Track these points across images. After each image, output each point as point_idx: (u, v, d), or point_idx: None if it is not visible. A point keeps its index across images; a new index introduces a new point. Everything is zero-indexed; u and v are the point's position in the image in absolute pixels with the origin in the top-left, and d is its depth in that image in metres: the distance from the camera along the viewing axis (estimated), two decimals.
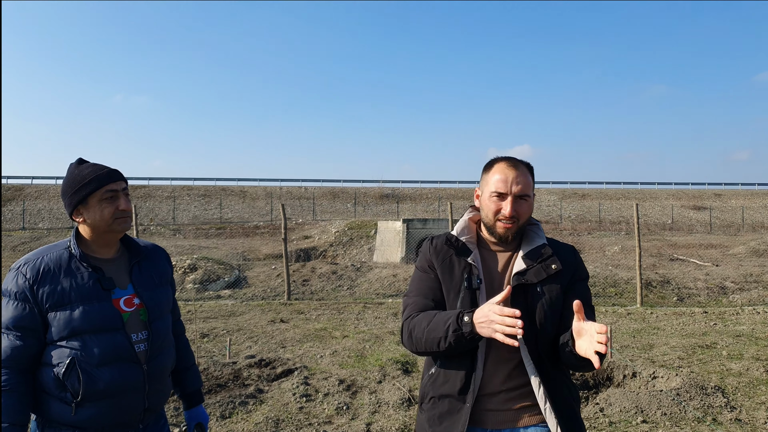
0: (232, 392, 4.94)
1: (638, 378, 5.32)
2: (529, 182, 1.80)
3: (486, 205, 1.81)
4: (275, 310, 9.90)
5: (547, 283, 1.75)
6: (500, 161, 1.83)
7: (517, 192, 1.76)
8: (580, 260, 1.87)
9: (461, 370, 1.75)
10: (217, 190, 41.25)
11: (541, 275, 1.75)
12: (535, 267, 1.76)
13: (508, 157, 1.84)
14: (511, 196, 1.76)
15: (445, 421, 1.75)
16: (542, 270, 1.75)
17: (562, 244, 1.88)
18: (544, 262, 1.77)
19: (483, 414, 1.75)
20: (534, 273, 1.75)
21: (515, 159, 1.83)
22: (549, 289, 1.75)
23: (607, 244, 21.41)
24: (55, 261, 1.80)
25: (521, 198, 1.77)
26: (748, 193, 46.19)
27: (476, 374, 1.73)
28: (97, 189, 1.84)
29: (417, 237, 17.50)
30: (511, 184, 1.76)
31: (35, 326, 1.75)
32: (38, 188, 38.33)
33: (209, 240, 24.66)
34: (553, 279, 1.76)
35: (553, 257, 1.78)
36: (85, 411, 1.75)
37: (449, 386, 1.76)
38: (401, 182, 46.84)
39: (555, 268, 1.76)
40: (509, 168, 1.78)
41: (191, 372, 2.21)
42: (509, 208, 1.75)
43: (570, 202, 41.79)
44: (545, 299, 1.73)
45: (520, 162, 1.83)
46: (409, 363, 5.96)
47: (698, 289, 11.63)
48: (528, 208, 1.80)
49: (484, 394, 1.75)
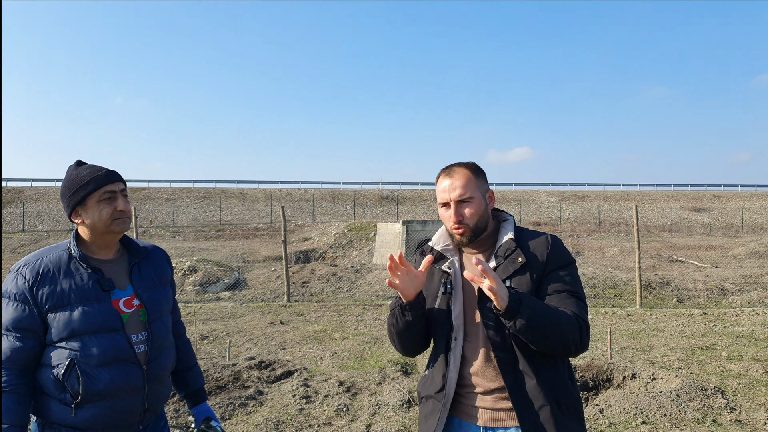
0: (232, 394, 4.94)
1: (638, 379, 5.32)
2: (468, 183, 1.80)
3: (441, 216, 1.88)
4: (275, 312, 9.90)
5: (515, 277, 1.73)
6: (440, 173, 1.88)
7: (456, 198, 1.80)
8: (557, 248, 1.78)
9: (439, 371, 1.82)
10: (217, 192, 41.25)
11: (508, 270, 1.73)
12: (504, 263, 1.75)
13: (445, 167, 1.88)
14: (453, 203, 1.80)
15: (428, 420, 1.82)
16: (509, 265, 1.74)
17: (534, 234, 1.83)
18: (509, 256, 1.75)
19: (475, 410, 1.78)
20: (502, 269, 1.74)
21: (450, 166, 1.86)
22: (518, 282, 1.72)
23: (606, 246, 21.42)
24: (54, 262, 1.80)
25: (463, 202, 1.80)
26: (747, 195, 46.21)
27: (449, 377, 1.79)
28: (95, 190, 1.84)
29: (416, 239, 17.51)
30: (449, 191, 1.81)
31: (35, 327, 1.76)
32: (38, 190, 38.34)
33: (209, 242, 24.66)
34: (521, 272, 1.73)
35: (517, 250, 1.75)
36: (85, 412, 1.75)
37: (432, 387, 1.84)
38: (401, 184, 46.80)
39: (520, 261, 1.73)
40: (444, 177, 1.84)
41: (194, 371, 2.22)
42: (453, 216, 1.80)
43: (569, 203, 41.80)
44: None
45: (456, 166, 1.85)
46: (408, 364, 5.96)
47: (698, 290, 11.64)
48: (475, 208, 1.79)
49: (475, 392, 1.78)
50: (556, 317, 1.63)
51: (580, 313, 1.70)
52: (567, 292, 1.73)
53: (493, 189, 1.94)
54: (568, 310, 1.68)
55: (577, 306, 1.71)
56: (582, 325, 1.68)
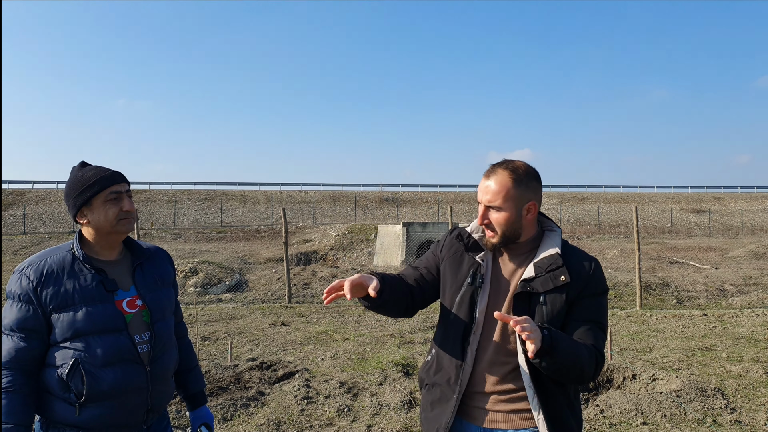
0: (234, 395, 4.95)
1: (638, 380, 5.33)
2: (502, 193, 1.72)
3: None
4: (276, 313, 9.92)
5: (552, 294, 1.69)
6: (488, 169, 1.82)
7: (486, 202, 1.75)
8: (597, 274, 1.74)
9: (452, 362, 1.79)
10: (218, 194, 41.27)
11: (547, 285, 1.68)
12: (543, 276, 1.70)
13: (493, 164, 1.81)
14: (482, 205, 1.76)
15: (436, 408, 1.81)
16: (549, 280, 1.69)
17: (580, 254, 1.78)
18: (553, 272, 1.69)
19: (475, 411, 1.77)
20: (541, 282, 1.69)
21: (496, 166, 1.79)
22: (552, 299, 1.69)
23: (606, 248, 21.43)
24: (58, 263, 1.81)
25: (492, 208, 1.74)
26: (746, 197, 46.20)
27: (465, 369, 1.76)
28: (100, 191, 1.85)
29: (417, 240, 17.53)
30: (483, 193, 1.77)
31: (39, 328, 1.77)
32: (39, 193, 38.38)
33: (210, 244, 24.68)
34: (560, 290, 1.68)
35: (562, 268, 1.69)
36: (89, 412, 1.76)
37: (441, 376, 1.81)
38: (401, 186, 46.81)
39: (563, 279, 1.68)
40: (485, 176, 1.79)
41: (194, 373, 2.23)
42: (479, 218, 1.78)
43: (569, 205, 41.81)
44: (546, 310, 1.68)
45: (501, 168, 1.77)
46: (409, 365, 5.97)
47: (697, 291, 11.65)
48: (503, 218, 1.73)
49: (477, 392, 1.77)
50: (578, 354, 1.62)
51: (598, 345, 1.69)
52: (594, 322, 1.71)
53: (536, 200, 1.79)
54: (588, 342, 1.67)
55: (597, 338, 1.70)
56: (599, 359, 1.67)
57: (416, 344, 7.13)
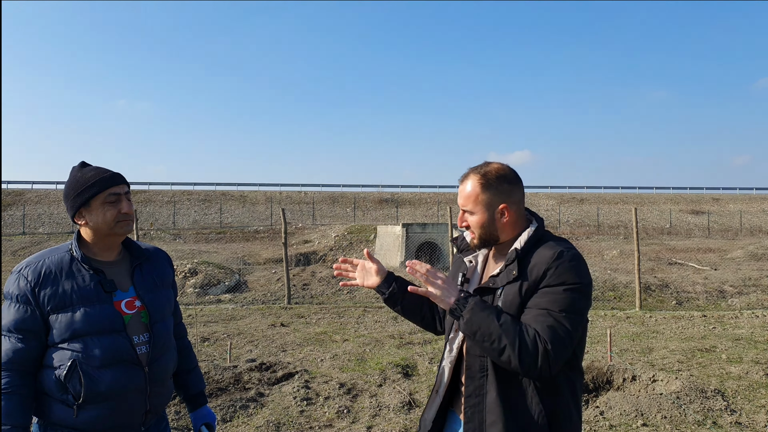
0: (233, 396, 4.94)
1: (638, 381, 5.32)
2: (470, 195, 1.78)
3: None
4: (275, 314, 9.90)
5: (507, 287, 1.69)
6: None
7: (460, 206, 1.84)
8: (560, 267, 1.62)
9: (441, 361, 1.90)
10: (217, 194, 41.24)
11: (504, 280, 1.70)
12: (504, 272, 1.72)
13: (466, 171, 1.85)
14: (461, 209, 1.85)
15: (426, 410, 1.93)
16: (506, 275, 1.71)
17: (547, 246, 1.70)
18: (508, 266, 1.71)
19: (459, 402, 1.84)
20: (503, 276, 1.71)
21: (467, 173, 1.83)
22: (506, 293, 1.68)
23: (605, 249, 21.43)
24: (56, 264, 1.81)
25: (465, 212, 1.82)
26: (746, 198, 46.23)
27: (443, 364, 1.87)
28: (100, 192, 1.85)
29: (416, 241, 17.50)
30: (458, 197, 1.85)
31: (37, 329, 1.76)
32: (38, 193, 38.34)
33: (209, 244, 24.68)
34: (513, 283, 1.68)
35: (514, 263, 1.69)
36: (87, 413, 1.75)
37: (437, 376, 1.92)
38: (401, 187, 46.81)
39: (514, 274, 1.68)
40: (459, 181, 1.86)
41: (194, 374, 2.22)
42: (458, 220, 1.86)
43: (568, 206, 41.83)
44: (501, 303, 1.68)
45: (472, 174, 1.81)
46: (409, 366, 5.96)
47: (697, 293, 11.65)
48: (476, 221, 1.78)
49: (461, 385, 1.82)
50: (503, 328, 1.56)
51: (545, 334, 1.55)
52: (545, 310, 1.59)
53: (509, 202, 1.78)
54: (531, 328, 1.57)
55: (546, 327, 1.56)
56: (539, 346, 1.53)
57: (416, 345, 7.11)
